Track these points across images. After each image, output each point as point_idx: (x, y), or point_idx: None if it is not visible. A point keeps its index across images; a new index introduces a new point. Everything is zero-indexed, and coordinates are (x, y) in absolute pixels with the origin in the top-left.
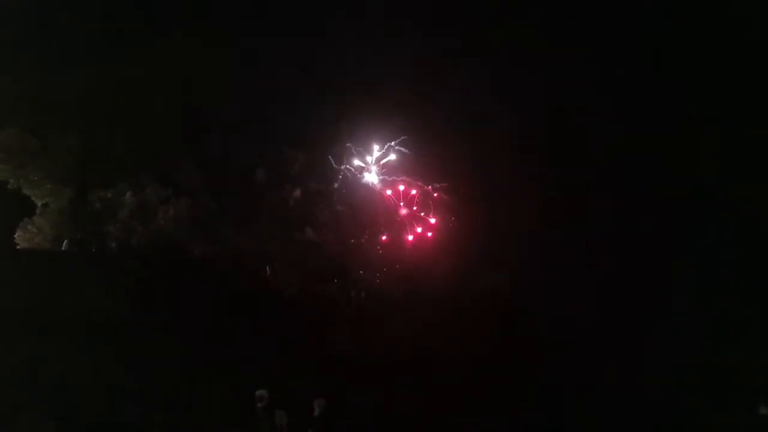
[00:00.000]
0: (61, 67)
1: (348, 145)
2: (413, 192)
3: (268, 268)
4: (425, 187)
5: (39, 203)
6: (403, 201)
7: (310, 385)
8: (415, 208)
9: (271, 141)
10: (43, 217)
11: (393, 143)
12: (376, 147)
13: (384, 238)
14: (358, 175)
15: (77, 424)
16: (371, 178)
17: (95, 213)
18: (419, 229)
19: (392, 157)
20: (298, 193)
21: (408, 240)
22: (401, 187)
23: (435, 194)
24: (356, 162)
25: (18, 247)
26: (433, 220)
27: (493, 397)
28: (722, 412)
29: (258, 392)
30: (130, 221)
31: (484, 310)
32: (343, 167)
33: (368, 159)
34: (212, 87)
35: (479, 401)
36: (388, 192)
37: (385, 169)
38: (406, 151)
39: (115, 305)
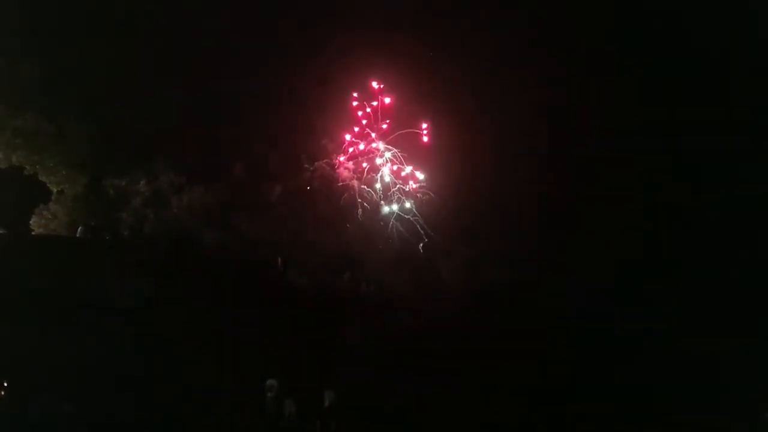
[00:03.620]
0: (77, 53)
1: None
2: None
3: (279, 259)
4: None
5: (54, 190)
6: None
7: (320, 376)
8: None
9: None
10: (58, 204)
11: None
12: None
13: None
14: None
15: (92, 405)
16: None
17: (110, 200)
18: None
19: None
20: (311, 182)
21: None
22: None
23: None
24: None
25: (33, 232)
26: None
27: (503, 392)
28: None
29: (268, 382)
30: (144, 209)
31: (498, 304)
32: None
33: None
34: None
35: (489, 396)
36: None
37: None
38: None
39: (129, 291)
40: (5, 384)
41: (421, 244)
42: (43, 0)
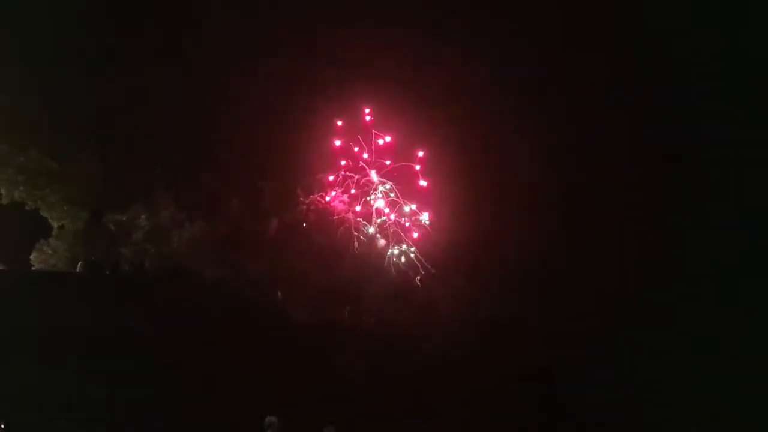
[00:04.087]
0: (80, 90)
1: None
2: None
3: (279, 293)
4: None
5: (55, 225)
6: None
7: (320, 411)
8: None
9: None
10: (59, 239)
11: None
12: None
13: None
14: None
15: None
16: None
17: (110, 235)
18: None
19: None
20: (310, 217)
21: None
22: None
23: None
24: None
25: (33, 268)
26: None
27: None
28: None
29: (267, 419)
30: (144, 244)
31: (497, 337)
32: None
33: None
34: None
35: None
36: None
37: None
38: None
39: (127, 326)
40: (2, 426)
41: (418, 277)
42: (48, 39)
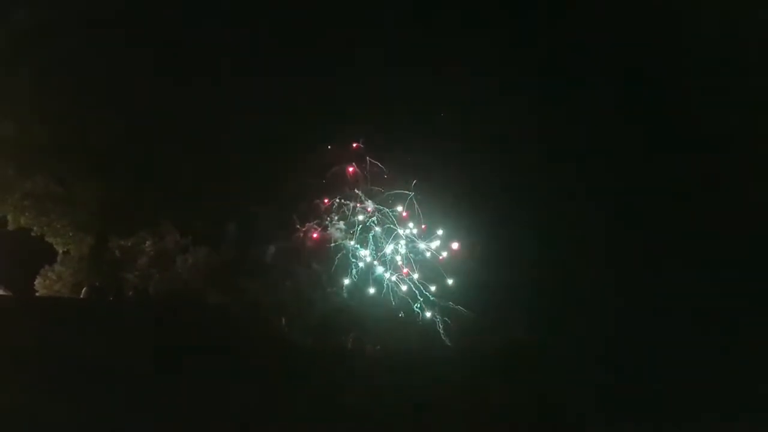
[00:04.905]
0: (87, 116)
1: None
2: None
3: (283, 319)
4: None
5: (60, 250)
6: None
7: None
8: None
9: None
10: (64, 265)
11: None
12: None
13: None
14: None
15: None
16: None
17: (115, 261)
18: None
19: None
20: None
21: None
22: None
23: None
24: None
25: (37, 294)
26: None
27: None
28: None
29: None
30: (149, 269)
31: (505, 366)
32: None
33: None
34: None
35: None
36: None
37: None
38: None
39: (131, 353)
40: None
41: (417, 305)
42: (54, 64)
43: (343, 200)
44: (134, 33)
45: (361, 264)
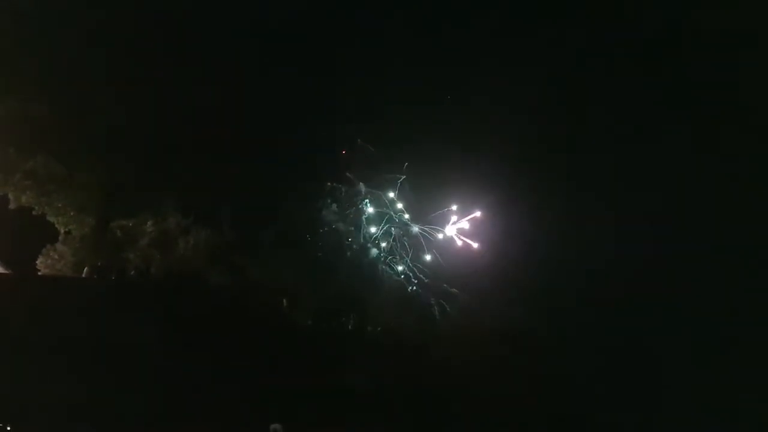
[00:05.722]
0: (90, 98)
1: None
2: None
3: (284, 300)
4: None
5: (62, 230)
6: None
7: (324, 419)
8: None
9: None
10: (66, 244)
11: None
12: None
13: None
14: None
15: None
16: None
17: (117, 241)
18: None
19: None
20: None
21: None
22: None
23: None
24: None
25: (39, 273)
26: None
27: None
28: None
29: (272, 426)
30: (150, 249)
31: (503, 347)
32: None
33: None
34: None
35: None
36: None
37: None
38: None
39: (132, 331)
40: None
41: (411, 288)
42: (57, 46)
43: (335, 184)
44: (134, 17)
45: (355, 246)
